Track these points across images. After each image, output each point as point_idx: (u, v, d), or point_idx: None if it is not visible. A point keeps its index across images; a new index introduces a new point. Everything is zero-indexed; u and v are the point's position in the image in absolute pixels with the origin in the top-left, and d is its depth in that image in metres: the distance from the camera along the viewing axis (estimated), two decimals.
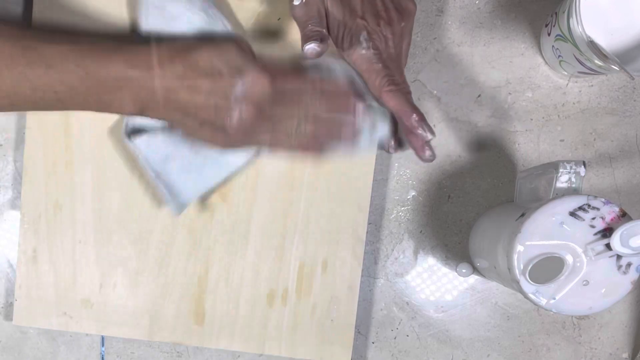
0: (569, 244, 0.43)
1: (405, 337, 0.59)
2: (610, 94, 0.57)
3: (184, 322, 0.55)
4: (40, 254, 0.54)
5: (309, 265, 0.54)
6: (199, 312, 0.55)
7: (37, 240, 0.54)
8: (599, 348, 0.58)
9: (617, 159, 0.57)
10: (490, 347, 0.58)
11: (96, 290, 0.55)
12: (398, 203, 0.58)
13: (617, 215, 0.43)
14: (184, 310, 0.55)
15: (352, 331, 0.55)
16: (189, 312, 0.55)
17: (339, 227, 0.54)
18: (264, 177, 0.54)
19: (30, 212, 0.54)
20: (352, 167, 0.54)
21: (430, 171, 0.57)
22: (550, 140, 0.57)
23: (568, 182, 0.46)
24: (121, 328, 0.55)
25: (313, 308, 0.55)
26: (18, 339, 0.59)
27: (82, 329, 0.55)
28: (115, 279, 0.55)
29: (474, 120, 0.57)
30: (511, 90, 0.57)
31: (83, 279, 0.55)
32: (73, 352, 0.59)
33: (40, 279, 0.54)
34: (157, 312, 0.55)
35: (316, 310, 0.55)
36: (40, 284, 0.55)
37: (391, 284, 0.58)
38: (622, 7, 0.49)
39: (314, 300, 0.55)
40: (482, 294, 0.58)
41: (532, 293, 0.44)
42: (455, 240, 0.58)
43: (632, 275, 0.44)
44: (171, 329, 0.55)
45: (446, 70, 0.57)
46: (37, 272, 0.54)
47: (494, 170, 0.57)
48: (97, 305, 0.55)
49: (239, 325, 0.55)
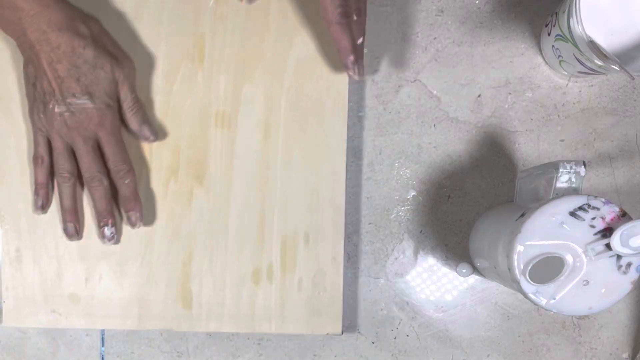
0: (569, 244, 0.43)
1: (405, 337, 0.59)
2: (610, 94, 0.57)
3: (172, 308, 0.55)
4: (23, 253, 0.55)
5: (291, 240, 0.55)
6: (186, 297, 0.55)
7: (19, 240, 0.54)
8: (599, 348, 0.58)
9: (617, 159, 0.57)
10: (490, 347, 0.58)
11: (82, 284, 0.55)
12: (398, 203, 0.58)
13: (617, 215, 0.43)
14: (171, 296, 0.55)
15: (341, 302, 0.55)
16: (176, 297, 0.55)
17: (317, 199, 0.54)
18: (239, 157, 0.54)
19: (10, 212, 0.54)
20: (324, 135, 0.54)
21: (430, 171, 0.57)
22: (550, 140, 0.57)
23: (568, 182, 0.46)
24: (111, 320, 0.55)
25: (299, 282, 0.55)
26: (18, 339, 0.59)
27: (72, 324, 0.55)
28: (100, 272, 0.55)
29: (474, 120, 0.57)
30: (511, 90, 0.57)
31: (68, 274, 0.55)
32: (73, 352, 0.59)
33: (25, 278, 0.55)
34: (145, 300, 0.55)
35: (302, 285, 0.55)
36: (27, 284, 0.55)
37: (391, 284, 0.58)
38: (622, 7, 0.49)
39: (299, 275, 0.55)
40: (482, 294, 0.58)
41: (532, 293, 0.44)
42: (455, 240, 0.58)
43: (632, 275, 0.44)
44: (160, 316, 0.55)
45: (446, 70, 0.57)
46: (22, 271, 0.55)
47: (494, 170, 0.57)
48: (85, 300, 0.55)
49: (227, 307, 0.55)
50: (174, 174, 0.55)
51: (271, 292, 0.55)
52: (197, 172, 0.55)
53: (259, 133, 0.54)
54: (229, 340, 0.59)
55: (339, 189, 0.55)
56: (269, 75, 0.54)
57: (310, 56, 0.54)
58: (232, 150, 0.54)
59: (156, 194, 0.55)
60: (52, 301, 0.55)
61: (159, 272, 0.55)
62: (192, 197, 0.55)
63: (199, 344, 0.59)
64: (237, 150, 0.54)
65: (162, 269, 0.55)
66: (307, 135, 0.54)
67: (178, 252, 0.55)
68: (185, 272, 0.55)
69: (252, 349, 0.59)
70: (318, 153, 0.54)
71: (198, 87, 0.54)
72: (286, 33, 0.54)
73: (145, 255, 0.55)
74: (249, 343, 0.59)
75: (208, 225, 0.55)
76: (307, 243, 0.55)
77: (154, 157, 0.55)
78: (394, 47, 0.57)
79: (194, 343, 0.59)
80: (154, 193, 0.55)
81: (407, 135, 0.57)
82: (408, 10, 0.56)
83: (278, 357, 0.59)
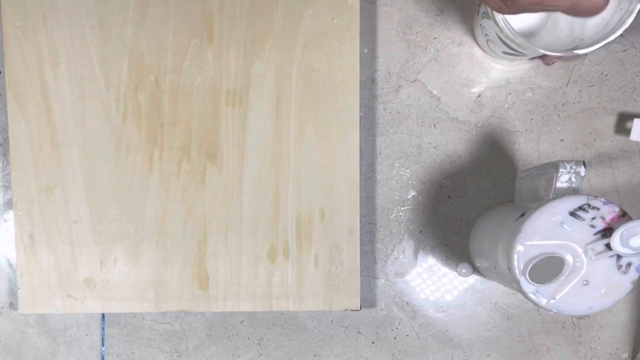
0: (569, 244, 0.43)
1: (405, 337, 0.59)
2: (610, 94, 0.57)
3: (188, 289, 0.55)
4: (37, 239, 0.55)
5: (306, 216, 0.54)
6: (202, 278, 0.55)
7: (32, 226, 0.54)
8: (599, 348, 0.58)
9: (617, 159, 0.57)
10: (490, 347, 0.58)
11: (97, 268, 0.55)
12: (398, 203, 0.58)
13: (617, 215, 0.43)
14: (187, 277, 0.55)
15: (358, 277, 0.55)
16: (192, 278, 0.55)
17: (331, 173, 0.54)
18: (251, 135, 0.54)
19: (23, 198, 0.54)
20: (337, 109, 0.54)
21: (430, 171, 0.57)
22: (550, 140, 0.57)
23: (568, 182, 0.46)
24: (127, 303, 0.55)
25: (316, 258, 0.55)
26: (18, 339, 0.59)
27: (87, 309, 0.55)
28: (115, 255, 0.55)
29: (474, 120, 0.57)
30: (511, 90, 0.57)
31: (83, 258, 0.55)
32: (73, 352, 0.59)
33: (40, 264, 0.55)
34: (161, 282, 0.55)
35: (319, 260, 0.55)
36: (41, 270, 0.55)
37: (391, 284, 0.58)
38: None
39: (315, 251, 0.55)
40: (482, 294, 0.58)
41: (532, 293, 0.44)
42: (455, 240, 0.58)
43: (632, 275, 0.44)
44: (177, 298, 0.55)
45: (446, 70, 0.57)
46: (36, 257, 0.55)
47: (494, 170, 0.57)
48: (101, 283, 0.55)
49: (243, 286, 0.55)
50: (186, 154, 0.54)
51: (288, 269, 0.55)
52: (209, 151, 0.54)
53: (271, 110, 0.54)
54: (229, 340, 0.59)
55: (353, 163, 0.54)
56: (279, 51, 0.54)
57: (320, 30, 0.54)
58: (244, 128, 0.54)
59: (169, 174, 0.55)
60: (68, 286, 0.55)
61: (174, 253, 0.55)
62: (205, 176, 0.54)
63: (199, 344, 0.59)
64: (248, 127, 0.54)
65: (177, 250, 0.55)
66: (320, 110, 0.54)
67: (193, 232, 0.55)
68: (200, 253, 0.55)
69: (252, 349, 0.59)
70: (331, 128, 0.54)
71: (208, 65, 0.54)
72: (295, 7, 0.53)
73: (160, 236, 0.55)
74: (248, 343, 0.59)
75: (222, 204, 0.55)
76: (322, 218, 0.54)
77: (165, 137, 0.54)
78: (394, 47, 0.57)
79: (194, 343, 0.59)
80: (167, 173, 0.55)
81: (407, 135, 0.57)
82: (408, 10, 0.56)
83: (278, 357, 0.59)
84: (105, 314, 0.58)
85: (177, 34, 0.54)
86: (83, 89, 0.54)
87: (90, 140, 0.54)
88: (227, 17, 0.54)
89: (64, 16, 0.53)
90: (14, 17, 0.53)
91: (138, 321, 0.59)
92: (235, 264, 0.55)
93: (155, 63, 0.54)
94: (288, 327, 0.59)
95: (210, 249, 0.55)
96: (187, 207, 0.55)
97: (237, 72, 0.54)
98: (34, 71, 0.54)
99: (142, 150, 0.54)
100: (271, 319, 0.59)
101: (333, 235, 0.55)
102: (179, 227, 0.55)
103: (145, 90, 0.54)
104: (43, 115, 0.54)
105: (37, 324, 0.59)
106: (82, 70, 0.54)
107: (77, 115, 0.54)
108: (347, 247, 0.55)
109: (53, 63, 0.54)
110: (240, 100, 0.54)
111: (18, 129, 0.54)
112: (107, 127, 0.54)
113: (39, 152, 0.54)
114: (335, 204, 0.54)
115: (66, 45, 0.54)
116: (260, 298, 0.55)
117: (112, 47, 0.54)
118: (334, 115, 0.54)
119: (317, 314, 0.59)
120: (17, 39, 0.54)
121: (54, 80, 0.54)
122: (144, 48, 0.54)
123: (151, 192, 0.55)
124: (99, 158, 0.54)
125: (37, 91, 0.54)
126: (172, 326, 0.59)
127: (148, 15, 0.54)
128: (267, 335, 0.59)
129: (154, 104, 0.54)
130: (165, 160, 0.54)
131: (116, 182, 0.54)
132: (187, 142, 0.54)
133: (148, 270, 0.55)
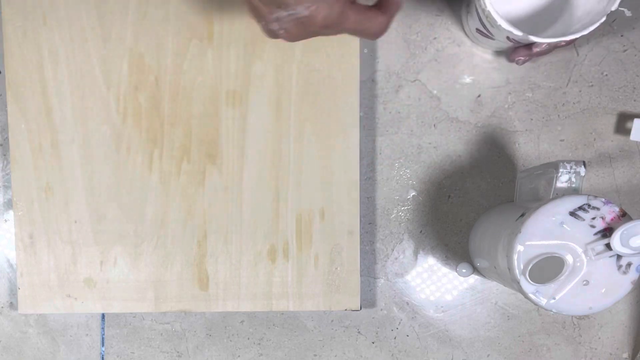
0: (569, 244, 0.43)
1: (405, 337, 0.59)
2: (610, 94, 0.57)
3: (188, 289, 0.55)
4: (37, 239, 0.55)
5: (306, 216, 0.55)
6: (202, 278, 0.55)
7: (32, 226, 0.54)
8: (599, 348, 0.58)
9: (617, 159, 0.57)
10: (490, 347, 0.58)
11: (97, 268, 0.55)
12: (398, 203, 0.58)
13: (617, 215, 0.43)
14: (187, 277, 0.55)
15: (358, 277, 0.55)
16: (192, 278, 0.55)
17: (331, 173, 0.54)
18: (251, 135, 0.54)
19: (23, 198, 0.54)
20: (337, 109, 0.54)
21: (430, 171, 0.57)
22: (550, 140, 0.57)
23: (568, 182, 0.46)
24: (127, 303, 0.55)
25: (316, 258, 0.55)
26: (18, 339, 0.59)
27: (87, 309, 0.55)
28: (115, 255, 0.55)
29: (474, 120, 0.57)
30: (511, 90, 0.57)
31: (83, 259, 0.55)
32: (73, 352, 0.59)
33: (40, 264, 0.55)
34: (161, 282, 0.55)
35: (319, 261, 0.55)
36: (41, 270, 0.55)
37: (391, 284, 0.58)
38: None
39: (315, 251, 0.55)
40: (482, 294, 0.58)
41: (532, 293, 0.44)
42: (455, 240, 0.58)
43: (632, 275, 0.44)
44: (177, 298, 0.55)
45: (446, 70, 0.57)
46: (36, 258, 0.55)
47: (494, 170, 0.57)
48: (100, 284, 0.55)
49: (243, 286, 0.55)
50: (186, 154, 0.54)
51: (288, 269, 0.55)
52: (209, 151, 0.54)
53: (271, 110, 0.54)
54: (229, 340, 0.59)
55: (353, 163, 0.54)
56: (278, 52, 0.54)
57: None
58: (244, 128, 0.54)
59: (169, 174, 0.55)
60: (67, 286, 0.55)
61: (174, 253, 0.55)
62: (205, 176, 0.54)
63: (199, 344, 0.59)
64: (249, 127, 0.54)
65: (177, 250, 0.55)
66: (319, 110, 0.54)
67: (193, 232, 0.55)
68: (200, 253, 0.55)
69: (252, 349, 0.59)
70: (331, 128, 0.54)
71: (208, 65, 0.54)
72: None
73: (160, 236, 0.55)
74: (248, 343, 0.59)
75: (222, 204, 0.55)
76: (322, 218, 0.55)
77: (165, 137, 0.54)
78: (394, 47, 0.57)
79: (194, 343, 0.59)
80: (167, 173, 0.55)
81: (407, 135, 0.57)
82: (408, 10, 0.56)
83: (278, 357, 0.59)
84: (105, 314, 0.58)
85: (177, 34, 0.54)
86: (83, 89, 0.54)
87: (90, 140, 0.54)
88: (227, 17, 0.54)
89: (64, 16, 0.53)
90: (14, 17, 0.53)
91: (138, 321, 0.59)
92: (235, 264, 0.55)
93: (155, 63, 0.54)
94: (288, 327, 0.59)
95: (210, 249, 0.55)
96: (187, 207, 0.55)
97: (237, 72, 0.54)
98: (34, 71, 0.54)
99: (142, 150, 0.54)
100: (271, 319, 0.59)
101: (333, 235, 0.55)
102: (179, 227, 0.55)
103: (145, 90, 0.54)
104: (43, 115, 0.54)
105: (37, 324, 0.59)
106: (82, 70, 0.54)
107: (77, 115, 0.54)
108: (347, 247, 0.55)
109: (53, 63, 0.54)
110: (240, 100, 0.54)
111: (18, 129, 0.54)
112: (107, 127, 0.54)
113: (39, 152, 0.54)
114: (335, 204, 0.54)
115: (66, 45, 0.54)
116: (260, 298, 0.55)
117: (112, 47, 0.54)
118: (334, 115, 0.54)
119: (317, 314, 0.59)
120: (17, 39, 0.54)
121: (54, 80, 0.54)
122: (144, 48, 0.54)
123: (151, 192, 0.54)
124: (99, 158, 0.54)
125: (37, 91, 0.54)
126: (172, 326, 0.59)
127: (148, 15, 0.54)
128: (267, 335, 0.59)
129: (154, 104, 0.54)
130: (165, 160, 0.54)
131: (116, 182, 0.54)
132: (187, 142, 0.54)
133: (148, 270, 0.55)
